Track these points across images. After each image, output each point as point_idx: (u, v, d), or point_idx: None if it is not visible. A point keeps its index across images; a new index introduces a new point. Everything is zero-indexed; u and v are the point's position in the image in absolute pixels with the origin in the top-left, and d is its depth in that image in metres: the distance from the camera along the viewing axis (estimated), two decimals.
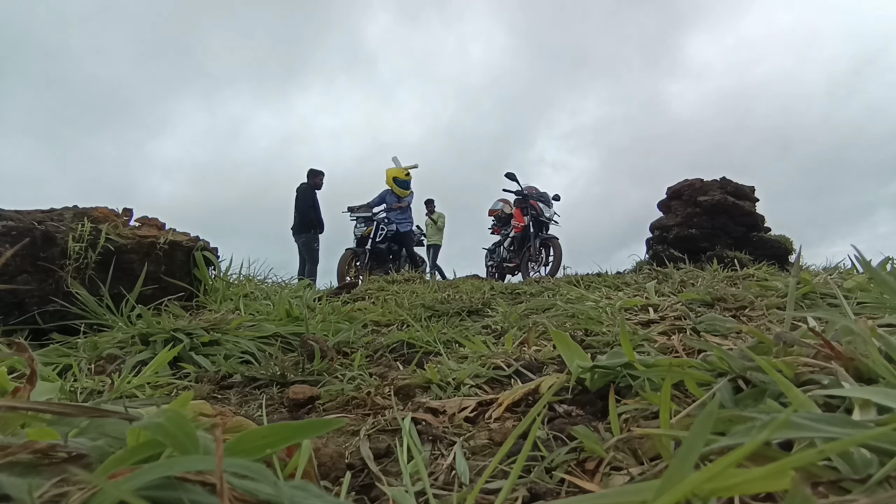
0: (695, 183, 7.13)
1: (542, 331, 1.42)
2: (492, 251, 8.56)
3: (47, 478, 0.34)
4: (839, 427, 0.39)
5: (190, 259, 2.42)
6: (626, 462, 0.53)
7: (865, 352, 0.57)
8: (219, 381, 1.20)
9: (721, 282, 2.08)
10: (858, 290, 1.28)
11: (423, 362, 1.25)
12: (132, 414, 0.45)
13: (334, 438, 0.74)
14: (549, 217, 7.49)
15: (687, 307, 1.47)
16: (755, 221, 6.94)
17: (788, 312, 0.85)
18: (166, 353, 1.20)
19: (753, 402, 0.55)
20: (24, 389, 0.51)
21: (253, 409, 1.00)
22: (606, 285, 2.65)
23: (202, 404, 0.63)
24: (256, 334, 1.57)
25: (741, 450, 0.30)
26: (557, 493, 0.52)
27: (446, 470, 0.61)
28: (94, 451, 0.39)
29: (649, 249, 7.23)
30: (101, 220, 2.14)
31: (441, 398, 0.90)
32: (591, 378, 0.78)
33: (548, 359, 1.09)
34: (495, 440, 0.69)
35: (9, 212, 1.95)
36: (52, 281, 1.87)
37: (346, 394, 0.98)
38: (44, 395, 0.80)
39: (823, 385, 0.53)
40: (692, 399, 0.63)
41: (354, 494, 0.58)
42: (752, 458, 0.41)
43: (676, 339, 1.04)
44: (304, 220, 7.28)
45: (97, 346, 1.45)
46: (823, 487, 0.37)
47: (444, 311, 2.15)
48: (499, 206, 8.45)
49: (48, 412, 0.43)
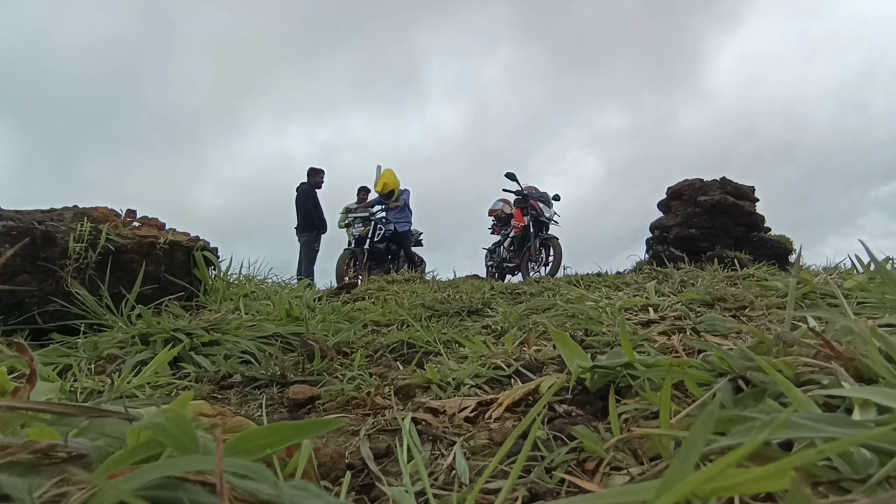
0: (695, 183, 7.12)
1: (542, 331, 1.42)
2: (492, 251, 8.56)
3: (47, 478, 0.34)
4: (839, 427, 0.39)
5: (190, 259, 2.42)
6: (626, 462, 0.53)
7: (865, 352, 0.57)
8: (219, 381, 1.20)
9: (721, 282, 2.08)
10: (858, 290, 1.28)
11: (423, 362, 1.25)
12: (132, 414, 0.45)
13: (334, 438, 0.74)
14: (549, 217, 7.48)
15: (687, 307, 1.47)
16: (755, 221, 6.94)
17: (788, 312, 0.85)
18: (166, 353, 1.20)
19: (753, 402, 0.55)
20: (24, 389, 0.51)
21: (253, 409, 1.00)
22: (606, 285, 2.65)
23: (202, 404, 0.63)
24: (256, 334, 1.57)
25: (741, 450, 0.30)
26: (557, 493, 0.52)
27: (446, 470, 0.61)
28: (94, 451, 0.39)
29: (649, 249, 7.23)
30: (102, 220, 2.14)
31: (441, 398, 0.90)
32: (591, 378, 0.78)
33: (548, 359, 1.09)
34: (495, 440, 0.69)
35: (9, 212, 1.95)
36: (52, 281, 1.87)
37: (346, 394, 0.98)
38: (44, 395, 0.79)
39: (823, 385, 0.53)
40: (692, 399, 0.63)
41: (354, 494, 0.58)
42: (752, 458, 0.41)
43: (676, 339, 1.04)
44: (306, 220, 7.27)
45: (97, 346, 1.45)
46: (823, 487, 0.37)
47: (444, 311, 2.15)
48: (499, 206, 8.44)
49: (48, 412, 0.43)
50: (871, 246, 1.21)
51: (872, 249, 1.20)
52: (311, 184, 7.36)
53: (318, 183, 7.41)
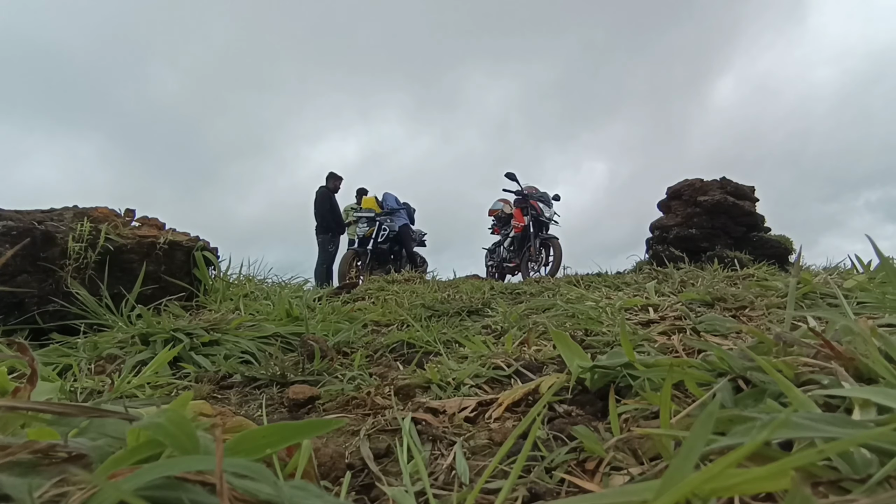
0: (695, 183, 7.12)
1: (542, 331, 1.42)
2: (492, 251, 8.56)
3: (47, 478, 0.34)
4: (839, 427, 0.39)
5: (190, 259, 2.42)
6: (626, 462, 0.53)
7: (865, 352, 0.57)
8: (219, 381, 1.20)
9: (721, 282, 2.08)
10: (858, 290, 1.28)
11: (423, 362, 1.25)
12: (132, 414, 0.45)
13: (334, 438, 0.74)
14: (549, 217, 7.48)
15: (687, 307, 1.47)
16: (755, 221, 6.94)
17: (788, 312, 0.85)
18: (166, 353, 1.20)
19: (753, 402, 0.55)
20: (24, 389, 0.50)
21: (253, 409, 1.00)
22: (606, 285, 2.65)
23: (202, 404, 0.63)
24: (256, 334, 1.57)
25: (741, 450, 0.30)
26: (557, 493, 0.52)
27: (446, 470, 0.61)
28: (94, 451, 0.39)
29: (649, 249, 7.23)
30: (101, 220, 2.14)
31: (441, 398, 0.90)
32: (591, 378, 0.78)
33: (548, 359, 1.09)
34: (495, 440, 0.69)
35: (9, 212, 1.95)
36: (52, 281, 1.87)
37: (346, 394, 0.98)
38: (44, 395, 0.80)
39: (823, 385, 0.53)
40: (692, 399, 0.63)
41: (354, 494, 0.58)
42: (752, 458, 0.41)
43: (676, 339, 1.04)
44: (322, 222, 7.58)
45: (97, 346, 1.45)
46: (823, 487, 0.37)
47: (444, 311, 2.15)
48: (499, 206, 8.44)
49: (48, 412, 0.43)
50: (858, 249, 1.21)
51: (859, 252, 1.20)
52: (329, 187, 7.68)
53: (336, 187, 7.73)
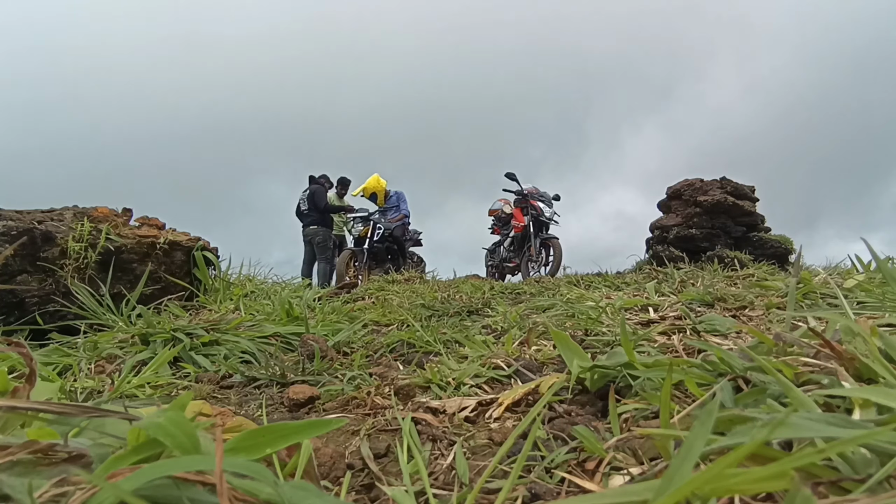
0: (695, 183, 7.12)
1: (542, 331, 1.42)
2: (492, 251, 8.55)
3: (47, 478, 0.34)
4: (839, 427, 0.39)
5: (190, 259, 2.42)
6: (626, 462, 0.53)
7: (865, 352, 0.57)
8: (219, 381, 1.20)
9: (721, 282, 2.08)
10: (858, 290, 1.28)
11: (423, 362, 1.25)
12: (132, 414, 0.45)
13: (334, 438, 0.74)
14: (549, 217, 7.47)
15: (687, 307, 1.47)
16: (755, 221, 6.94)
17: (788, 312, 0.85)
18: (166, 353, 1.20)
19: (753, 402, 0.55)
20: (24, 389, 0.50)
21: (253, 409, 1.00)
22: (606, 285, 2.65)
23: (202, 404, 0.63)
24: (256, 334, 1.57)
25: (741, 450, 0.30)
26: (557, 493, 0.52)
27: (446, 470, 0.61)
28: (94, 451, 0.39)
29: (649, 249, 7.23)
30: (101, 220, 2.14)
31: (441, 398, 0.90)
32: (591, 378, 0.78)
33: (548, 359, 1.09)
34: (495, 440, 0.69)
35: (9, 211, 1.95)
36: (52, 281, 1.87)
37: (346, 394, 0.98)
38: (44, 395, 0.79)
39: (823, 385, 0.53)
40: (692, 399, 0.63)
41: (354, 494, 0.58)
42: (752, 458, 0.41)
43: (676, 339, 1.04)
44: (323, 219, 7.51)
45: (97, 345, 1.45)
46: (823, 487, 0.37)
47: (444, 311, 2.15)
48: (499, 206, 8.44)
49: (48, 412, 0.43)
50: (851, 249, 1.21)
51: (859, 252, 1.20)
52: (321, 183, 7.61)
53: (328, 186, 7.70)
